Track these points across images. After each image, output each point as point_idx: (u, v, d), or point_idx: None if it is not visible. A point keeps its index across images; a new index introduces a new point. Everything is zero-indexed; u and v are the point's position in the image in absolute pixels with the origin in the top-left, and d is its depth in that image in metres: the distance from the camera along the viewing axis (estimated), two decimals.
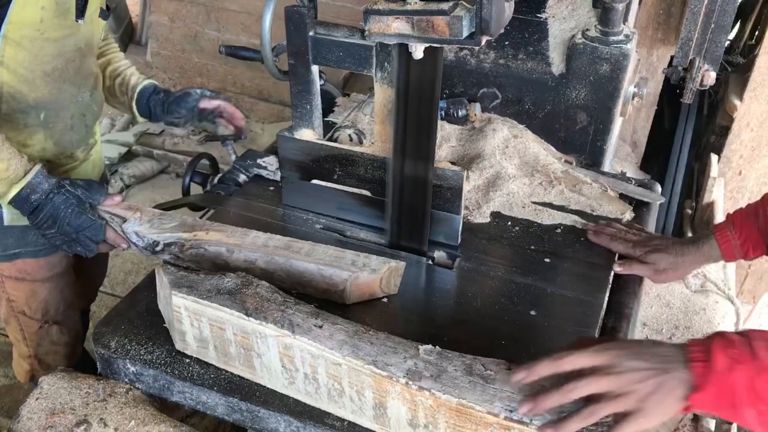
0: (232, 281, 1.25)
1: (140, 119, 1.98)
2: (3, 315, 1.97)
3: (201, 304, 1.21)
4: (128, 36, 5.11)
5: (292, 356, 1.17)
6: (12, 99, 1.60)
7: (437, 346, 1.14)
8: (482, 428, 1.05)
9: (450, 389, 1.06)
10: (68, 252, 1.60)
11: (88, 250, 1.57)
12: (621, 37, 1.78)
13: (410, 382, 1.07)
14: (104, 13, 1.76)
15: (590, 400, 1.01)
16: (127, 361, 1.31)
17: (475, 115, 1.97)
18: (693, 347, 1.01)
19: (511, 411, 1.03)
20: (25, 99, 1.62)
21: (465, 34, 1.21)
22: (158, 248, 1.49)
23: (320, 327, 1.16)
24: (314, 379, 1.17)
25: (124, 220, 1.53)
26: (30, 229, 1.69)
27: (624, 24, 1.81)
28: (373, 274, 1.39)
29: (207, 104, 1.95)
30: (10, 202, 1.51)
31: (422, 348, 1.13)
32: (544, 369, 1.02)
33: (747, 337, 0.99)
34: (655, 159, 2.77)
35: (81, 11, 1.63)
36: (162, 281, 1.29)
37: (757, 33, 2.74)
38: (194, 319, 1.23)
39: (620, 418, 1.00)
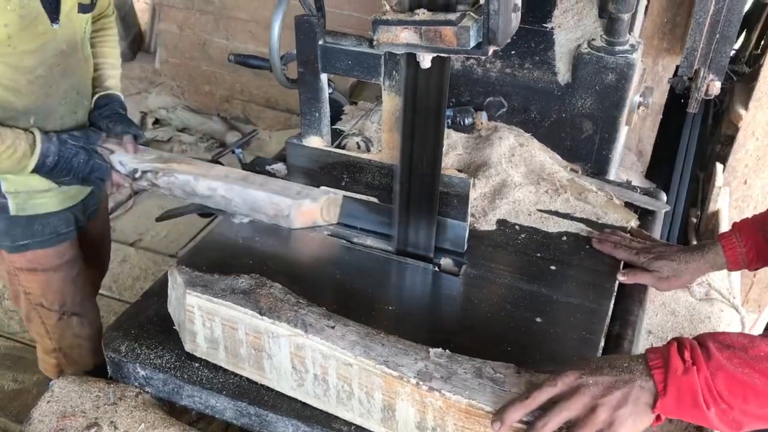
0: (246, 282, 1.28)
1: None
2: (24, 311, 2.02)
3: (215, 303, 1.23)
4: (137, 44, 5.16)
5: (303, 356, 1.18)
6: (0, 108, 1.64)
7: (447, 350, 1.16)
8: (491, 430, 1.06)
9: (460, 390, 1.07)
10: (85, 185, 1.82)
11: (99, 186, 1.85)
12: (626, 47, 1.79)
13: (421, 383, 1.09)
14: (84, 8, 1.75)
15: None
16: (137, 365, 1.32)
17: (482, 123, 1.99)
18: (651, 355, 1.04)
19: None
20: (13, 107, 1.65)
21: (472, 44, 1.22)
22: (137, 175, 1.73)
23: (332, 327, 1.18)
24: (324, 380, 1.18)
25: (112, 151, 1.76)
26: (36, 218, 1.83)
27: (630, 34, 1.83)
28: (314, 202, 1.64)
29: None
30: (31, 172, 1.67)
31: (432, 351, 1.15)
32: (516, 414, 1.04)
33: (702, 339, 1.02)
34: (660, 168, 2.78)
35: (54, 14, 1.63)
36: (176, 281, 1.31)
37: (762, 43, 2.75)
38: (207, 319, 1.25)
39: None
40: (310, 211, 1.64)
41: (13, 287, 1.97)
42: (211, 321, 1.25)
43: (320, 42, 1.50)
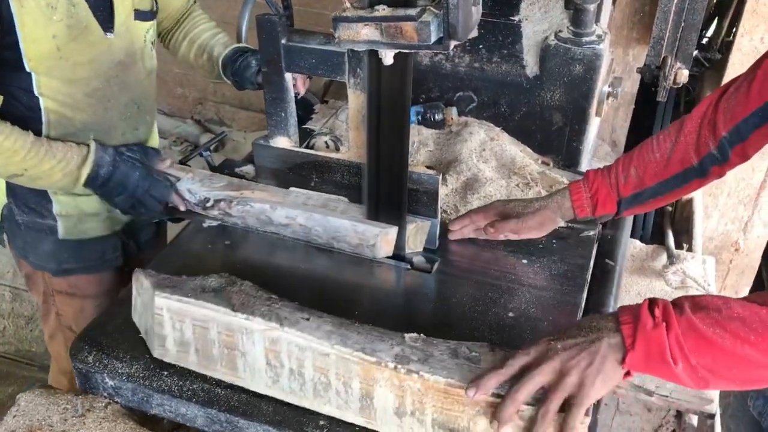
0: (216, 281, 1.27)
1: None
2: (50, 329, 1.96)
3: (185, 303, 1.21)
4: None
5: (278, 351, 1.17)
6: (59, 124, 1.59)
7: (422, 334, 1.17)
8: (469, 409, 1.07)
9: (438, 371, 1.08)
10: (133, 215, 1.69)
11: (152, 212, 1.65)
12: (593, 38, 1.79)
13: (399, 366, 1.09)
14: (142, 15, 1.66)
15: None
16: (105, 375, 1.30)
17: (452, 118, 1.98)
18: (622, 312, 1.05)
19: (497, 388, 1.06)
20: (72, 122, 1.60)
21: (433, 39, 1.21)
22: (209, 204, 1.62)
23: (307, 319, 1.18)
24: (300, 374, 1.18)
25: (178, 179, 1.65)
26: (83, 243, 1.77)
27: (596, 24, 1.83)
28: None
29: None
30: (83, 185, 1.58)
31: (408, 336, 1.16)
32: (491, 381, 1.05)
33: (678, 300, 1.04)
34: None
35: (108, 24, 1.57)
36: (142, 285, 1.29)
37: (734, 30, 2.76)
38: (177, 321, 1.23)
39: (568, 404, 1.03)
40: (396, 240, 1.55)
41: (46, 306, 1.91)
42: (181, 323, 1.23)
43: (283, 41, 1.48)
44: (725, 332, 0.98)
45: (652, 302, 1.03)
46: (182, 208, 1.65)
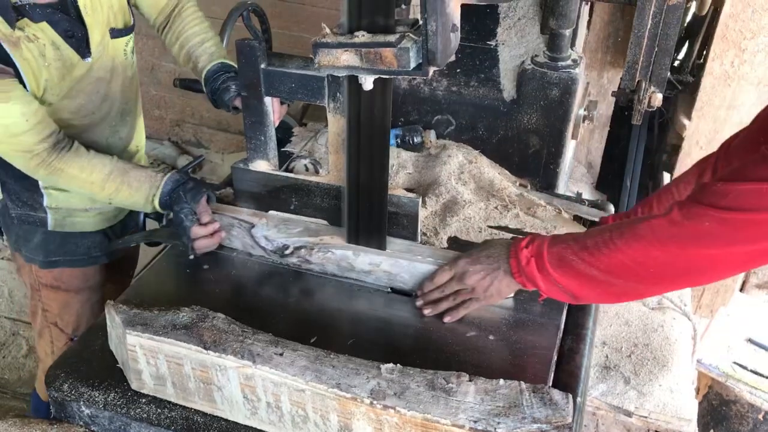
0: (187, 315, 1.25)
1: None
2: (37, 328, 2.04)
3: (157, 341, 1.19)
4: None
5: (253, 386, 1.16)
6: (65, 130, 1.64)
7: (398, 364, 1.16)
8: None
9: (414, 405, 1.08)
10: (175, 242, 1.65)
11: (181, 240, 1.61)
12: (569, 62, 1.82)
13: (375, 402, 1.08)
14: (118, 32, 1.70)
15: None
16: (81, 403, 1.28)
17: (430, 141, 1.99)
18: (513, 245, 1.37)
19: (475, 421, 1.05)
20: (70, 132, 1.65)
21: (413, 65, 1.22)
22: (287, 251, 1.58)
23: (281, 354, 1.16)
24: (277, 407, 1.17)
25: (252, 225, 1.61)
26: (70, 236, 1.85)
27: (572, 49, 1.86)
28: None
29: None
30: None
31: (384, 367, 1.15)
32: (433, 293, 1.46)
33: (543, 238, 1.35)
34: (610, 179, 2.83)
35: (84, 50, 1.62)
36: (114, 321, 1.27)
37: (705, 53, 2.81)
38: (150, 357, 1.22)
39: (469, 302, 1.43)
40: None
41: (33, 302, 1.99)
42: (155, 358, 1.22)
43: (262, 66, 1.48)
44: (579, 259, 1.26)
45: (530, 241, 1.34)
46: (207, 243, 1.61)
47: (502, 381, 1.13)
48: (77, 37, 1.59)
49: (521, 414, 1.06)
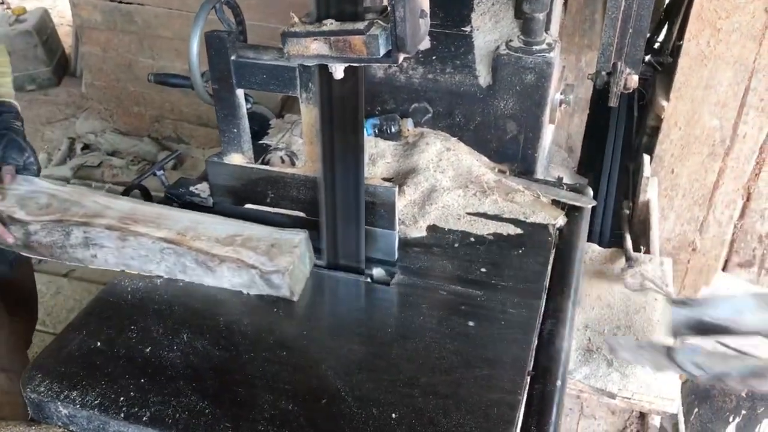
0: None
1: None
2: None
3: None
4: (62, 68, 5.01)
5: None
6: None
7: None
8: None
9: None
10: None
11: None
12: (544, 46, 1.81)
13: None
14: None
15: None
16: (59, 403, 1.26)
17: (408, 130, 1.98)
18: None
19: None
20: None
21: (382, 52, 1.21)
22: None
23: None
24: None
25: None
26: None
27: (546, 33, 1.85)
28: None
29: None
30: None
31: None
32: None
33: None
34: (591, 163, 2.83)
35: None
36: None
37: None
38: None
39: None
40: None
41: None
42: None
43: (233, 57, 1.47)
44: None
45: None
46: (10, 241, 1.56)
47: None
48: None
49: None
